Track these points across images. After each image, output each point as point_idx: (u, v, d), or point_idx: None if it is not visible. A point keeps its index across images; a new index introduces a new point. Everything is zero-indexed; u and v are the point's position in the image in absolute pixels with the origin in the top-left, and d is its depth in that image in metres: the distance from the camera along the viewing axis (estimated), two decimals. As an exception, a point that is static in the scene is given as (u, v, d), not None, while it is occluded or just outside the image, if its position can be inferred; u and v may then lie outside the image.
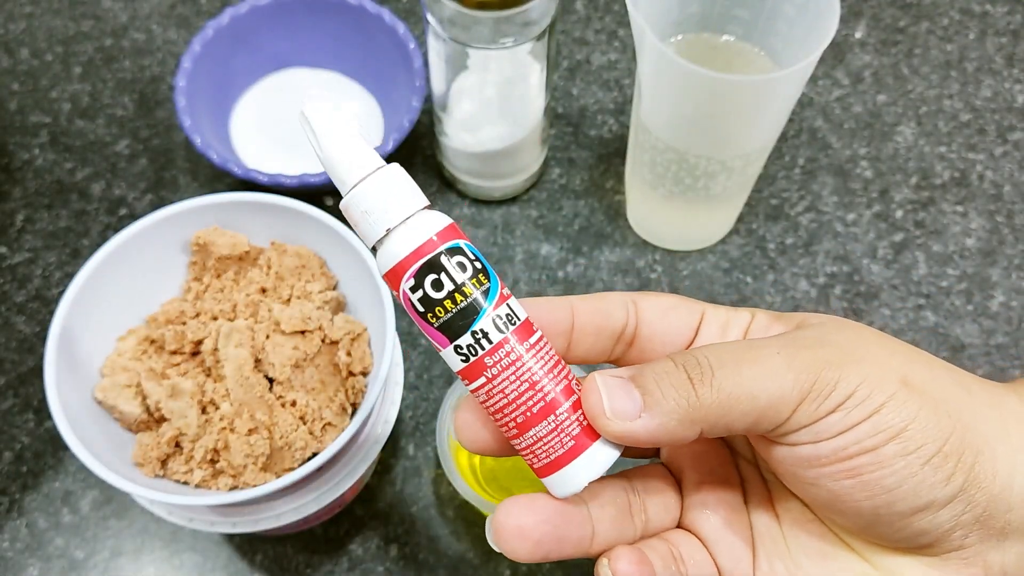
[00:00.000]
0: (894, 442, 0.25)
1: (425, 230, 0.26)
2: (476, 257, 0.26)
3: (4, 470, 0.50)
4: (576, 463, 0.26)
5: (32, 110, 0.61)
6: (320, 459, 0.38)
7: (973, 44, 0.64)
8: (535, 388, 0.26)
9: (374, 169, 0.26)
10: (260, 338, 0.41)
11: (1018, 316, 0.54)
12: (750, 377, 0.25)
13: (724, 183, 0.50)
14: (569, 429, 0.26)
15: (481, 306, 0.26)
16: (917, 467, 0.25)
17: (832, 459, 0.25)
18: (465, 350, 0.26)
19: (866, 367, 0.25)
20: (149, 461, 0.40)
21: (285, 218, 0.44)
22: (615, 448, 0.27)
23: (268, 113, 0.59)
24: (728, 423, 0.25)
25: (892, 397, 0.25)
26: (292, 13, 0.58)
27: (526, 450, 0.27)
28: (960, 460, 0.25)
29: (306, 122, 0.26)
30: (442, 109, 0.53)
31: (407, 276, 0.26)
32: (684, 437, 0.26)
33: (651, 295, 0.30)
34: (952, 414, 0.25)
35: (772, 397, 0.25)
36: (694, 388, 0.25)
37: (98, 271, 0.42)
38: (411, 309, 0.27)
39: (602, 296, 0.29)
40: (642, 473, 0.31)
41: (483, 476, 0.47)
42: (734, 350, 0.26)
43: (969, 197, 0.58)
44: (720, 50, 0.49)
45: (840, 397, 0.25)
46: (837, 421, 0.25)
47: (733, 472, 0.31)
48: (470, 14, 0.45)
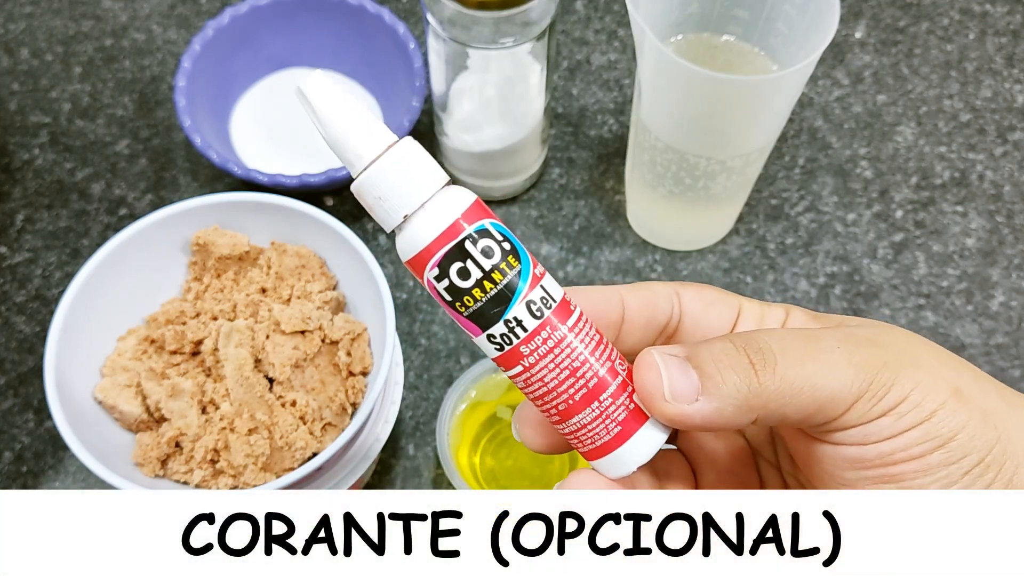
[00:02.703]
0: (940, 451, 0.24)
1: (447, 213, 0.24)
2: (505, 237, 0.25)
3: (4, 470, 0.50)
4: (626, 447, 0.25)
5: (32, 110, 0.61)
6: (320, 459, 0.38)
7: (973, 44, 0.64)
8: (576, 375, 0.25)
9: (386, 147, 0.24)
10: (260, 338, 0.41)
11: (1018, 316, 0.54)
12: (813, 369, 0.24)
13: (724, 183, 0.50)
14: (616, 414, 0.25)
15: (513, 291, 0.24)
16: (958, 476, 0.24)
17: (876, 462, 0.25)
18: (499, 339, 0.24)
19: (920, 372, 0.25)
20: (149, 461, 0.40)
21: (285, 218, 0.44)
22: (663, 431, 0.26)
23: (268, 113, 0.59)
24: (785, 413, 0.24)
25: (943, 405, 0.24)
26: (292, 13, 0.58)
27: (571, 435, 0.26)
28: (1001, 470, 0.25)
29: (304, 99, 0.24)
30: (442, 109, 0.53)
31: (431, 265, 0.24)
32: (738, 424, 0.25)
33: (691, 286, 0.29)
34: (998, 426, 0.25)
35: (832, 392, 0.24)
36: (756, 374, 0.24)
37: (98, 271, 0.42)
38: (438, 297, 0.25)
39: (648, 286, 0.28)
40: (662, 458, 0.30)
41: (483, 476, 0.47)
42: (795, 338, 0.25)
43: (969, 197, 0.58)
44: (720, 50, 0.49)
45: (894, 400, 0.24)
46: (888, 425, 0.24)
47: (753, 474, 0.30)
48: (470, 14, 0.45)
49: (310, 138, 0.58)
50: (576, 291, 0.27)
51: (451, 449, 0.45)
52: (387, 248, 0.56)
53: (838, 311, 0.54)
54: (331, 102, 0.24)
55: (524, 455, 0.48)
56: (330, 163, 0.55)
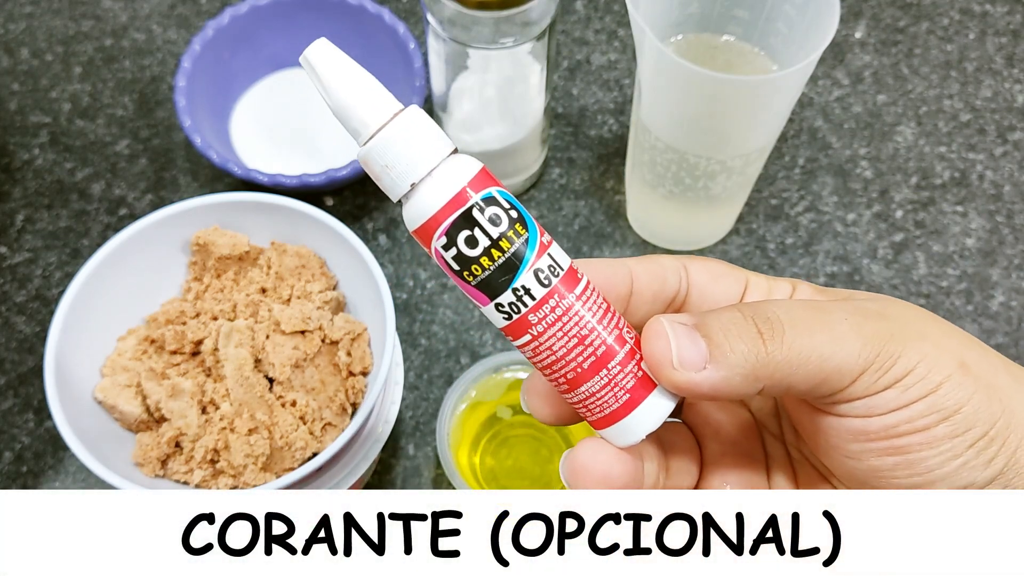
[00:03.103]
0: (945, 423, 0.24)
1: (455, 181, 0.24)
2: (512, 205, 0.24)
3: (4, 470, 0.50)
4: (634, 415, 0.25)
5: (32, 110, 0.61)
6: (320, 459, 0.38)
7: (973, 44, 0.64)
8: (584, 343, 0.25)
9: (392, 115, 0.24)
10: (260, 338, 0.41)
11: (1018, 316, 0.54)
12: (821, 340, 0.24)
13: (724, 183, 0.50)
14: (624, 382, 0.25)
15: (521, 259, 0.24)
16: (962, 448, 0.25)
17: (881, 435, 0.25)
18: (507, 308, 0.24)
19: (926, 345, 0.25)
20: (149, 461, 0.40)
21: (285, 218, 0.44)
22: (671, 399, 0.26)
23: (268, 113, 0.59)
24: (792, 383, 0.25)
25: (949, 378, 0.25)
26: (292, 13, 0.58)
27: (579, 404, 0.26)
28: (1004, 444, 0.25)
29: (310, 66, 0.24)
30: (442, 109, 0.53)
31: (438, 234, 0.24)
32: (745, 393, 0.25)
33: (699, 259, 0.29)
34: (1003, 400, 0.25)
35: (839, 363, 0.24)
36: (764, 343, 0.24)
37: (98, 271, 0.42)
38: (446, 267, 0.25)
39: (656, 259, 0.28)
40: (668, 431, 0.30)
41: (483, 476, 0.47)
42: (803, 309, 0.25)
43: (969, 197, 0.58)
44: (720, 50, 0.49)
45: (900, 372, 0.24)
46: (894, 397, 0.24)
47: (758, 447, 0.30)
48: (470, 14, 0.45)
49: (310, 138, 0.58)
50: (585, 263, 0.27)
51: (451, 449, 0.45)
52: (387, 248, 0.56)
53: (838, 311, 0.54)
54: (337, 69, 0.24)
55: (524, 455, 0.48)
56: (330, 163, 0.55)
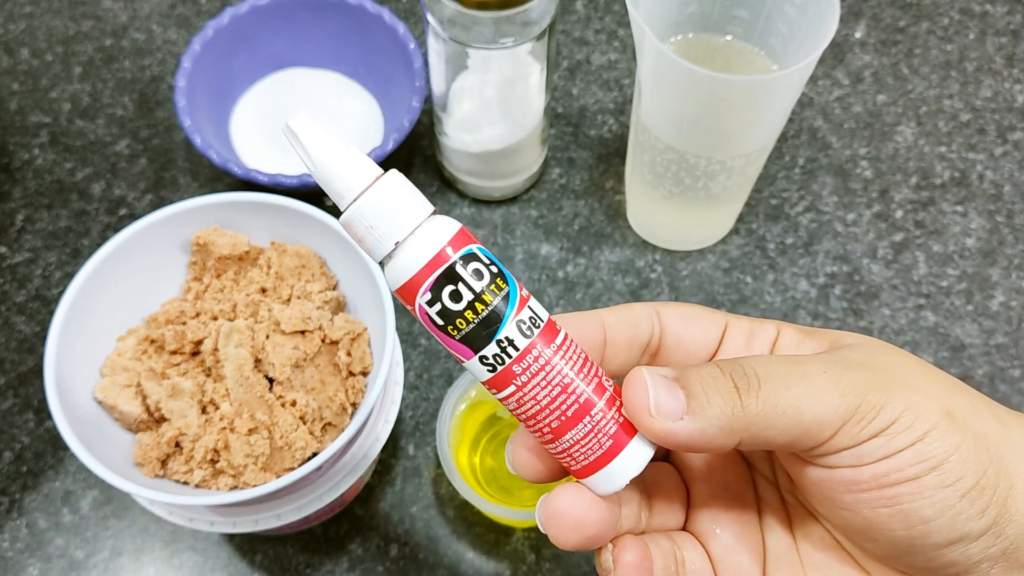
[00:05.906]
0: (935, 473, 0.24)
1: (436, 240, 0.25)
2: (491, 261, 0.25)
3: (4, 470, 0.50)
4: (616, 462, 0.26)
5: (32, 110, 0.61)
6: (320, 459, 0.38)
7: (973, 44, 0.64)
8: (567, 391, 0.25)
9: (373, 179, 0.25)
10: (260, 338, 0.41)
11: (1018, 316, 0.54)
12: (796, 393, 0.25)
13: (724, 183, 0.50)
14: (607, 428, 0.26)
15: (503, 313, 0.25)
16: (955, 499, 0.25)
17: (872, 485, 0.25)
18: (491, 360, 0.25)
19: (911, 394, 0.25)
20: (149, 461, 0.40)
21: (285, 218, 0.44)
22: (651, 446, 0.26)
23: (268, 113, 0.59)
24: (769, 437, 0.25)
25: (935, 427, 0.25)
26: (292, 13, 0.58)
27: (563, 454, 0.26)
28: (995, 493, 0.25)
29: (293, 136, 0.25)
30: (442, 109, 0.53)
31: (423, 290, 0.25)
32: (722, 445, 0.25)
33: (672, 304, 0.30)
34: (991, 448, 0.25)
35: (817, 415, 0.25)
36: (740, 397, 0.25)
37: (98, 271, 0.42)
38: (429, 323, 0.25)
39: (628, 307, 0.29)
40: (652, 470, 0.30)
41: (483, 476, 0.47)
42: (780, 364, 0.26)
43: (969, 197, 0.58)
44: (720, 50, 0.49)
45: (884, 422, 0.25)
46: (882, 445, 0.25)
47: (749, 490, 0.30)
48: (470, 14, 0.45)
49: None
50: (558, 318, 0.27)
51: (451, 449, 0.45)
52: (387, 248, 0.56)
53: (838, 311, 0.54)
54: (319, 139, 0.25)
55: (524, 455, 0.47)
56: (330, 163, 0.55)
